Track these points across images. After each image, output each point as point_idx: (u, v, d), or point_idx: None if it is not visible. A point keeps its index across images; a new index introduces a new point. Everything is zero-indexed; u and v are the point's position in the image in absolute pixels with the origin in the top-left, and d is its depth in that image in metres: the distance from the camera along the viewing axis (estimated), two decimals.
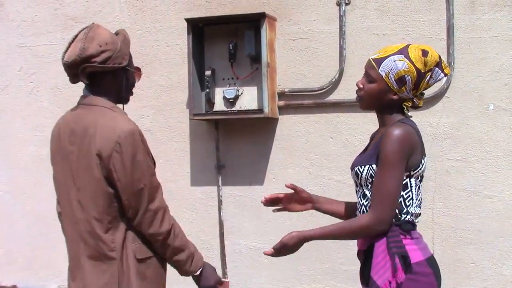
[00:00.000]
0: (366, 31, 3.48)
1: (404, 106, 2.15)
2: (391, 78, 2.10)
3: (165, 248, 2.20)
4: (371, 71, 2.13)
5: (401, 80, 2.09)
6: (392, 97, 2.12)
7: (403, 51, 2.10)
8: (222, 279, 2.45)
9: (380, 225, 2.05)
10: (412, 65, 2.09)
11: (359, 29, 3.50)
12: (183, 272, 2.27)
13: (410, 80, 2.09)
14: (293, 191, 2.42)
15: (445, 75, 2.16)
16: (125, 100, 2.34)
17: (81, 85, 2.25)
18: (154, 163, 2.31)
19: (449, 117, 3.38)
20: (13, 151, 4.10)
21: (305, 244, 3.69)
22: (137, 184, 2.13)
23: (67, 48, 2.18)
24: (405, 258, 2.05)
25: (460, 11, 3.35)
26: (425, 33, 3.39)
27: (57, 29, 4.02)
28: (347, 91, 3.50)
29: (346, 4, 3.50)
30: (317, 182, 3.58)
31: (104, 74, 2.18)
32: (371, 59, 2.14)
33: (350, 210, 2.43)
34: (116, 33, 2.27)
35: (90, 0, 3.96)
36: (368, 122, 3.41)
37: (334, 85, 3.53)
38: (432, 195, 3.39)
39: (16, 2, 4.09)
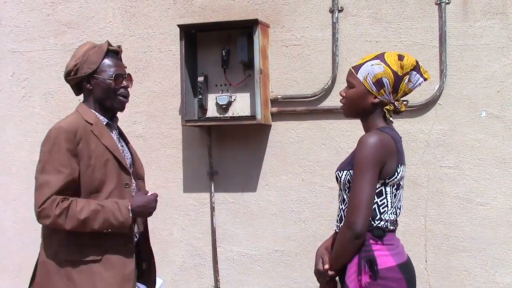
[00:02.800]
0: (359, 38, 3.49)
1: (386, 111, 2.18)
2: (369, 82, 2.18)
3: (78, 228, 2.24)
4: (350, 78, 2.24)
5: (379, 83, 2.17)
6: (373, 100, 2.19)
7: (380, 57, 2.21)
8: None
9: (352, 230, 2.08)
10: (388, 68, 2.18)
11: (352, 36, 3.50)
12: (125, 226, 2.27)
13: (388, 82, 2.16)
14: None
15: (425, 79, 2.21)
16: (116, 108, 2.47)
17: (72, 92, 2.53)
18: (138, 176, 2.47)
19: (442, 124, 3.38)
20: (5, 156, 4.08)
21: (297, 251, 3.70)
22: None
23: None
24: (371, 262, 2.07)
25: (452, 18, 3.37)
26: (417, 40, 3.40)
27: (50, 34, 4.01)
28: (339, 98, 3.49)
29: (339, 11, 3.50)
30: (309, 189, 3.57)
31: (80, 84, 2.43)
32: (350, 68, 2.25)
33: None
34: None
35: (83, 6, 3.95)
36: (361, 128, 3.38)
37: (327, 91, 3.54)
38: (425, 202, 3.39)
39: (9, 7, 4.08)
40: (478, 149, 3.34)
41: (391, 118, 2.22)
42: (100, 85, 2.39)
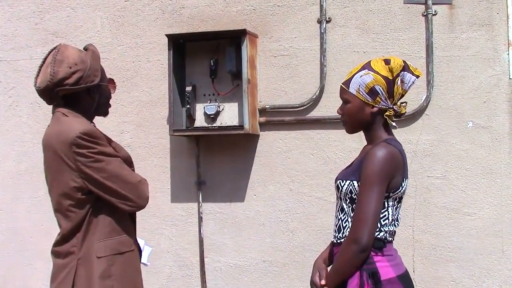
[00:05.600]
0: (347, 49, 3.51)
1: (386, 117, 2.16)
2: (362, 93, 2.16)
3: None
4: (344, 95, 2.21)
5: (372, 92, 2.15)
6: (371, 110, 2.15)
7: (366, 66, 2.18)
8: None
9: (357, 244, 2.04)
10: (377, 75, 2.15)
11: (339, 47, 3.52)
12: None
13: (381, 89, 2.13)
14: None
15: (417, 76, 2.19)
16: (103, 113, 2.39)
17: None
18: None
19: (429, 134, 3.40)
20: None
21: (285, 262, 3.69)
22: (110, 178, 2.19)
23: (38, 73, 2.22)
24: (374, 275, 2.06)
25: (439, 29, 3.39)
26: (404, 51, 3.42)
27: (38, 43, 3.99)
28: (327, 108, 3.51)
29: (327, 22, 3.52)
30: (297, 199, 3.57)
31: (78, 93, 2.22)
32: (341, 85, 2.21)
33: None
34: (85, 49, 2.29)
35: (71, 15, 3.94)
36: (349, 139, 3.41)
37: (315, 102, 3.54)
38: (412, 213, 3.40)
39: None
40: (465, 159, 3.35)
41: (393, 124, 2.20)
42: (104, 92, 2.30)
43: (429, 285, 3.37)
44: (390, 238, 2.16)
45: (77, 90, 2.18)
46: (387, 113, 2.16)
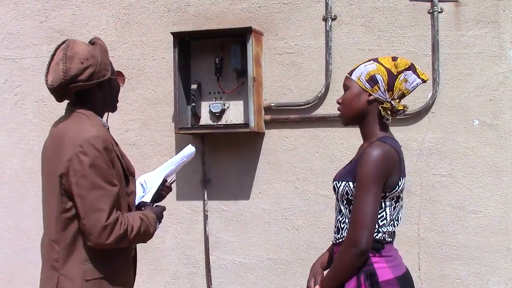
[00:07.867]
0: (352, 47, 3.50)
1: (381, 109, 2.13)
2: (362, 80, 2.16)
3: (131, 243, 2.22)
4: (346, 82, 2.22)
5: (372, 80, 2.14)
6: (368, 98, 2.13)
7: (373, 59, 2.20)
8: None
9: (356, 247, 2.01)
10: (381, 66, 2.15)
11: (345, 45, 3.51)
12: (150, 238, 2.34)
13: (382, 79, 2.12)
14: None
15: (422, 80, 2.17)
16: (112, 108, 2.34)
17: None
18: (130, 173, 2.30)
19: (435, 132, 3.39)
20: None
21: (290, 260, 3.69)
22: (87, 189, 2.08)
23: (48, 71, 2.17)
24: (371, 276, 2.03)
25: (445, 27, 3.38)
26: (410, 48, 3.41)
27: (43, 41, 4.00)
28: (333, 106, 3.50)
29: (332, 19, 3.52)
30: (303, 197, 3.57)
31: (90, 88, 2.18)
32: (346, 74, 2.23)
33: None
34: (92, 43, 2.27)
35: (76, 13, 3.95)
36: (354, 136, 3.41)
37: (320, 100, 3.54)
38: (418, 210, 3.39)
39: (1, 14, 4.07)
40: (471, 157, 3.34)
41: (387, 116, 2.15)
42: (114, 86, 2.27)
43: (434, 283, 3.36)
44: (389, 239, 2.12)
45: (90, 86, 2.16)
46: (383, 105, 2.12)
